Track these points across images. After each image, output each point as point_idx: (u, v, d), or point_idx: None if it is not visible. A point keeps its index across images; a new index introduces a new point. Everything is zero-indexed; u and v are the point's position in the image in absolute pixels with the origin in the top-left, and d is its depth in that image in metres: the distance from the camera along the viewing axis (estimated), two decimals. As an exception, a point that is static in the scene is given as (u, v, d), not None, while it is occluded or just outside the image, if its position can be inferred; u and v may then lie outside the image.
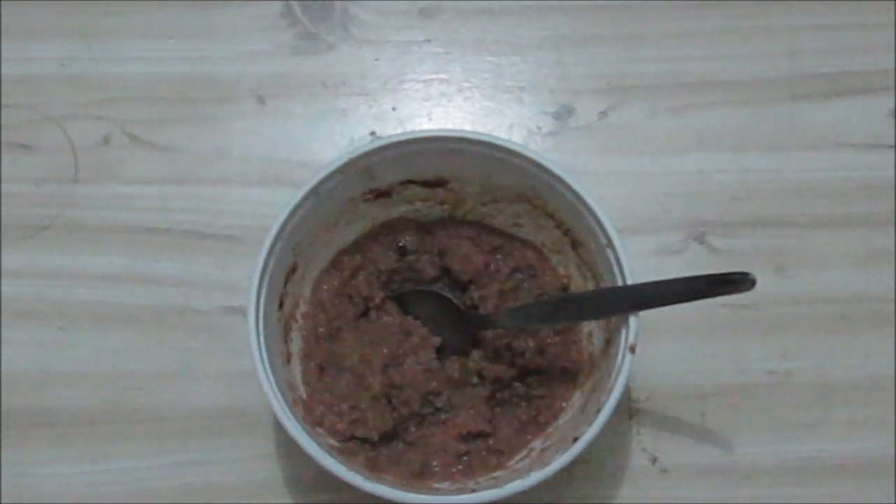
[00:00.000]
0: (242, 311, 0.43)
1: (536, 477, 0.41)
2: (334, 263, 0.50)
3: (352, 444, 0.46)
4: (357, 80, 0.57)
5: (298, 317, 0.48)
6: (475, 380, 0.48)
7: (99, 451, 0.49)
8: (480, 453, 0.47)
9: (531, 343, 0.48)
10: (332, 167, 0.45)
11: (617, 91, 0.57)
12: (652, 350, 0.48)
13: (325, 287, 0.49)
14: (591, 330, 0.48)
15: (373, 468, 0.45)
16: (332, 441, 0.45)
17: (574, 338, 0.49)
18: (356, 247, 0.50)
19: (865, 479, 0.49)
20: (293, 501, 0.48)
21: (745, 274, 0.40)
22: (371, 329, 0.49)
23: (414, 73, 0.58)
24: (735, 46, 0.58)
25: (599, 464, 0.49)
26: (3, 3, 0.58)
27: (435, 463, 0.46)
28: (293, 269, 0.47)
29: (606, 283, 0.45)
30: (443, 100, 0.57)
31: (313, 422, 0.45)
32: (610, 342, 0.45)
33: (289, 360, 0.47)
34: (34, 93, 0.56)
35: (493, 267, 0.50)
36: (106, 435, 0.50)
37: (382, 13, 0.59)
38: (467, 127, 0.56)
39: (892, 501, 0.49)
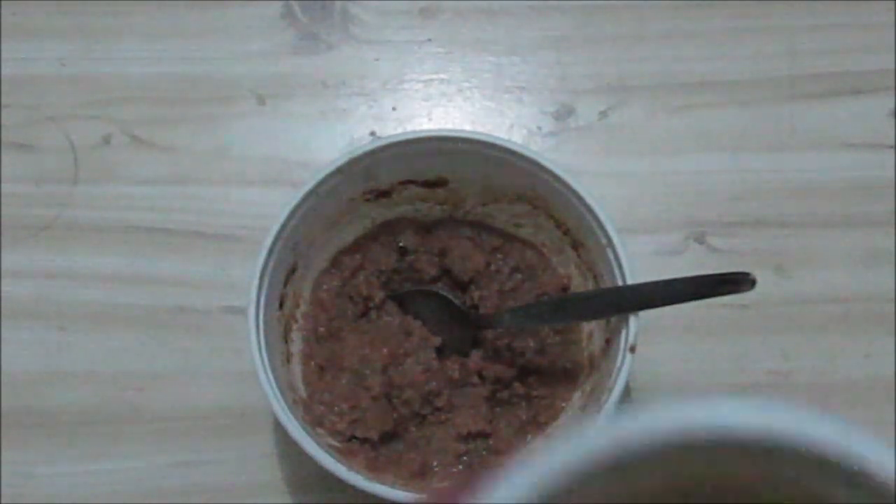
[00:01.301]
0: (242, 311, 0.43)
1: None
2: (334, 263, 0.50)
3: (352, 444, 0.46)
4: (357, 80, 0.57)
5: (298, 317, 0.48)
6: (475, 380, 0.48)
7: (99, 451, 0.49)
8: (480, 453, 0.47)
9: (531, 343, 0.48)
10: (332, 167, 0.45)
11: (617, 91, 0.57)
12: (652, 350, 0.48)
13: (325, 287, 0.49)
14: (591, 330, 0.48)
15: (373, 468, 0.45)
16: (332, 441, 0.45)
17: (574, 338, 0.49)
18: (356, 247, 0.50)
19: (865, 479, 0.49)
20: (293, 501, 0.48)
21: (746, 274, 0.40)
22: (371, 329, 0.49)
23: (414, 73, 0.58)
24: (735, 46, 0.58)
25: (599, 464, 0.49)
26: (3, 3, 0.58)
27: (435, 463, 0.46)
28: (293, 269, 0.47)
29: (606, 283, 0.45)
30: (443, 100, 0.57)
31: (313, 422, 0.45)
32: (610, 342, 0.45)
33: (289, 360, 0.47)
34: (34, 93, 0.56)
35: (493, 267, 0.50)
36: (106, 435, 0.50)
37: (382, 13, 0.59)
38: (467, 127, 0.56)
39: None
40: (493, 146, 0.46)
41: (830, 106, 0.56)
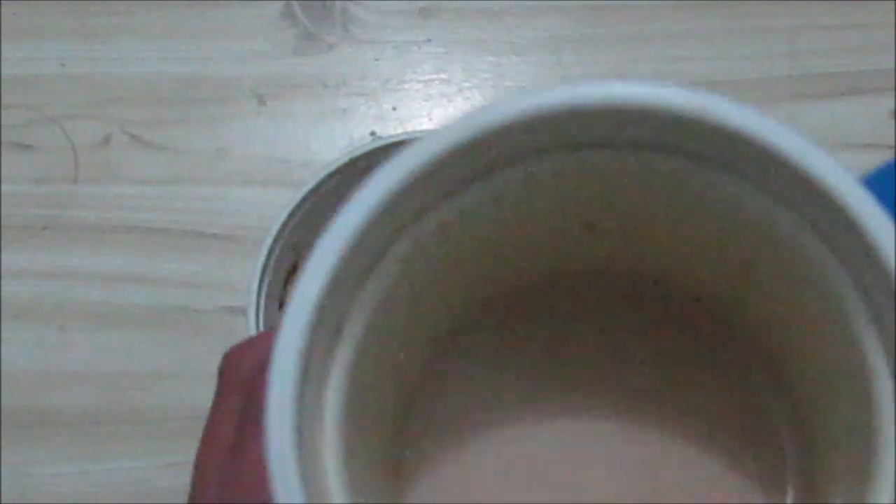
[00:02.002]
0: (242, 311, 0.43)
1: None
2: (334, 263, 0.50)
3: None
4: (357, 80, 0.57)
5: (298, 317, 0.48)
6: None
7: (99, 451, 0.49)
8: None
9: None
10: (332, 167, 0.45)
11: (617, 91, 0.57)
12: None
13: (325, 287, 0.49)
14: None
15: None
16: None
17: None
18: (356, 247, 0.50)
19: (865, 479, 0.49)
20: (293, 501, 0.48)
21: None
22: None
23: (414, 73, 0.58)
24: (735, 46, 0.58)
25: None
26: (3, 3, 0.59)
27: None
28: (293, 269, 0.47)
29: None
30: (443, 100, 0.57)
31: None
32: None
33: (289, 360, 0.47)
34: (34, 93, 0.56)
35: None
36: (106, 435, 0.50)
37: (382, 13, 0.59)
38: (467, 127, 0.56)
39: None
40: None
41: (830, 106, 0.56)
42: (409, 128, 0.56)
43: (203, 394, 0.51)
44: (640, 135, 0.21)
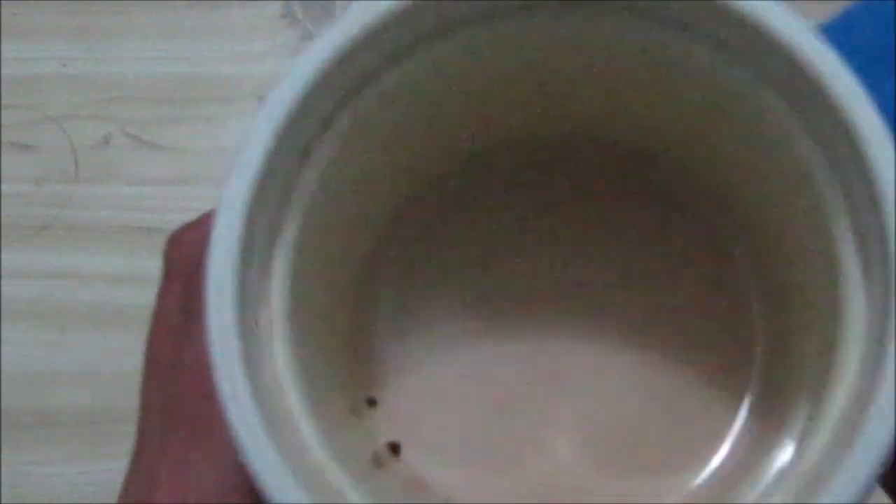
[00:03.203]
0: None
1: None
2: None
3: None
4: (357, 80, 0.57)
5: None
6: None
7: (99, 451, 0.49)
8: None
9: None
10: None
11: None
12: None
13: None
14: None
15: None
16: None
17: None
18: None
19: (865, 480, 0.49)
20: (293, 501, 0.48)
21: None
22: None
23: (414, 73, 0.58)
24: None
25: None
26: (3, 3, 0.59)
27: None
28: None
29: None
30: (443, 100, 0.57)
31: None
32: None
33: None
34: (34, 93, 0.56)
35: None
36: (106, 435, 0.50)
37: (382, 13, 0.59)
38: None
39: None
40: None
41: None
42: (409, 128, 0.56)
43: (203, 394, 0.51)
44: None
